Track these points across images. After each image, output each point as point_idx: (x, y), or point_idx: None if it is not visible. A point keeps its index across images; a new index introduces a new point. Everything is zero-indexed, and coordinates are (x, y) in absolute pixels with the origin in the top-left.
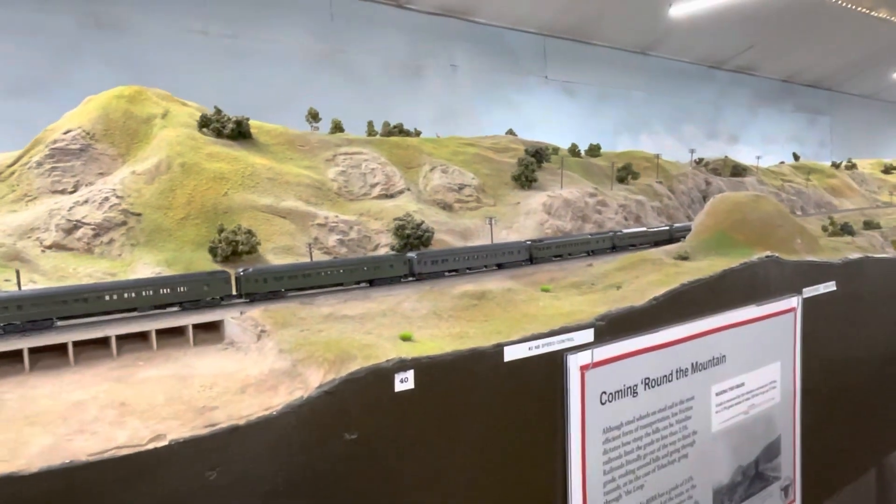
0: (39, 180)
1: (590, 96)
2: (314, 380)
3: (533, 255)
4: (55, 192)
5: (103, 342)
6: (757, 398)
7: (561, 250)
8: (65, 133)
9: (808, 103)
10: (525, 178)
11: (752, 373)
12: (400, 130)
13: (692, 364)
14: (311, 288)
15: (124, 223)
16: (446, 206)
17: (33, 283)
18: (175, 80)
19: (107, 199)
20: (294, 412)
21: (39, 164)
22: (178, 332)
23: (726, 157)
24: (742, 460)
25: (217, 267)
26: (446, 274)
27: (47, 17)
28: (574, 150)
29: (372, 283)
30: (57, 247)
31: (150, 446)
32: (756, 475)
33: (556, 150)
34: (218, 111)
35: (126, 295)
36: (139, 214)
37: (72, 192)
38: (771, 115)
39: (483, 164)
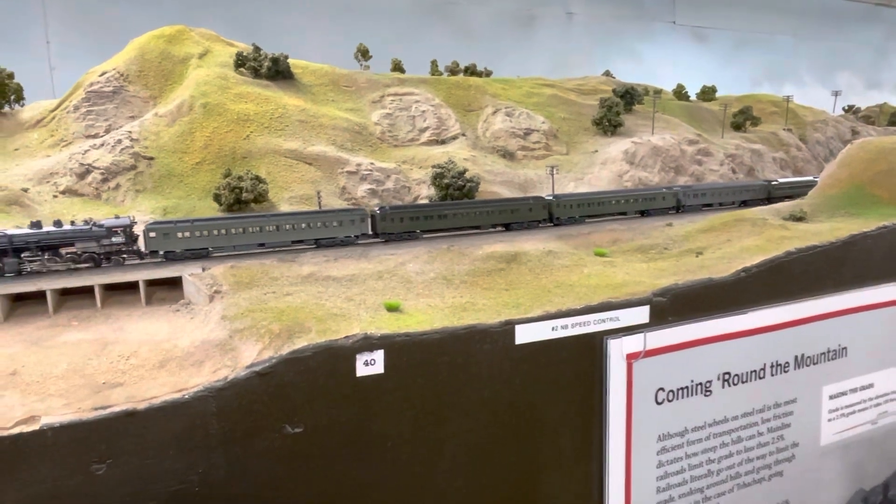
0: (76, 125)
1: (725, 43)
2: (247, 357)
3: (771, 194)
4: (89, 136)
5: (76, 293)
6: (891, 405)
7: (794, 191)
8: (100, 75)
9: None
10: (608, 123)
11: (884, 371)
12: (472, 72)
13: (796, 357)
14: (602, 216)
15: (133, 167)
16: (507, 154)
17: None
18: (288, 38)
19: (119, 141)
20: (213, 397)
21: (76, 107)
22: (137, 288)
23: (885, 103)
24: (864, 483)
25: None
26: (702, 208)
27: None
28: (680, 93)
29: (644, 213)
30: (69, 192)
31: (16, 430)
32: (884, 503)
33: (657, 91)
34: (256, 49)
35: (463, 213)
36: (151, 158)
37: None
38: None
39: (560, 106)
